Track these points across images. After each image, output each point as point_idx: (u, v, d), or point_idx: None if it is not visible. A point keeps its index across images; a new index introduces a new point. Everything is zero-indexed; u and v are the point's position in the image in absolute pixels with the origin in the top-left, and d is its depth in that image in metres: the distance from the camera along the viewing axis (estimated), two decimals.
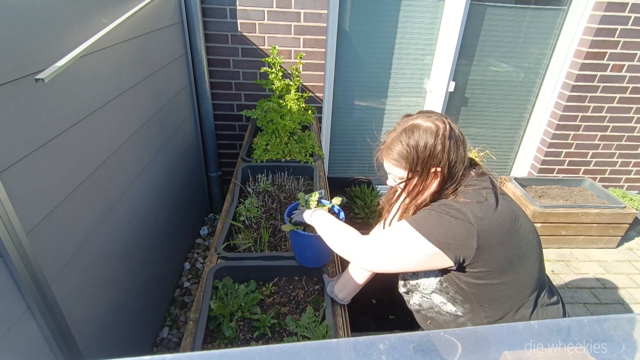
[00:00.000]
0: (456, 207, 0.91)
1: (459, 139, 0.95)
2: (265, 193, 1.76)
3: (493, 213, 0.90)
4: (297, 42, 2.54)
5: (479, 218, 0.88)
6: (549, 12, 2.76)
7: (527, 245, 0.95)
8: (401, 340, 0.52)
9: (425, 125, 0.94)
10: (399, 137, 0.96)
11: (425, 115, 0.97)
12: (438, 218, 0.91)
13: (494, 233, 0.89)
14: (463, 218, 0.89)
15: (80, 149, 1.24)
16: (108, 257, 1.44)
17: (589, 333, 0.53)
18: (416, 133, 0.93)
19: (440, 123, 0.94)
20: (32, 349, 1.03)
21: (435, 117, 0.95)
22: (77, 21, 1.23)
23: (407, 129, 0.95)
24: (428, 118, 0.95)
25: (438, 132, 0.92)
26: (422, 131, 0.93)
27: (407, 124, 0.97)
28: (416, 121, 0.96)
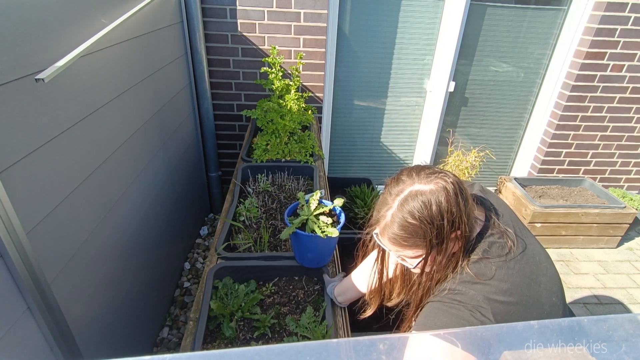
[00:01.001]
0: (462, 291, 0.78)
1: (465, 188, 0.81)
2: (265, 193, 1.76)
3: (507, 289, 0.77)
4: (297, 42, 2.54)
5: (491, 300, 0.77)
6: (549, 12, 2.76)
7: (550, 311, 0.82)
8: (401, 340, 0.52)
9: (428, 189, 0.78)
10: (400, 211, 0.79)
11: (419, 177, 0.80)
12: (450, 313, 0.77)
13: (510, 311, 0.77)
14: (475, 305, 0.77)
15: (80, 149, 1.24)
16: (108, 257, 1.44)
17: (589, 333, 0.53)
18: (421, 199, 0.77)
19: (441, 181, 0.78)
20: (32, 349, 1.03)
21: (434, 176, 0.80)
22: (77, 21, 1.23)
23: (408, 198, 0.78)
24: (427, 180, 0.79)
25: (448, 191, 0.77)
26: (429, 195, 0.77)
27: (403, 193, 0.79)
28: (414, 187, 0.79)
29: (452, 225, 0.78)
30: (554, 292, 0.84)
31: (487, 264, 0.80)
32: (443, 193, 0.76)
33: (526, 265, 0.81)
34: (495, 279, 0.78)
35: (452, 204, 0.76)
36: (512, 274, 0.79)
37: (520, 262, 0.81)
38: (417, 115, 3.12)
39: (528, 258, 0.83)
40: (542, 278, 0.82)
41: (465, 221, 0.79)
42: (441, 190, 0.77)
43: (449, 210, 0.76)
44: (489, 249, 0.81)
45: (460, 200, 0.78)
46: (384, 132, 3.18)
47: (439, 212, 0.76)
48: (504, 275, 0.78)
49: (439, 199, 0.76)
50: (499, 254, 0.81)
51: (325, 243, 1.20)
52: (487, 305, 0.76)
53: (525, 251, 0.83)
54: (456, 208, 0.77)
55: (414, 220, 0.77)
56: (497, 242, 0.82)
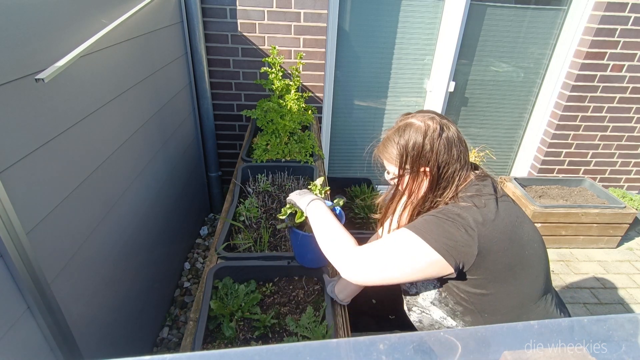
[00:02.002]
0: (456, 211, 0.89)
1: (452, 140, 0.93)
2: (265, 193, 1.76)
3: (494, 218, 0.88)
4: (297, 42, 2.54)
5: (479, 223, 0.86)
6: (549, 12, 2.76)
7: (531, 254, 0.92)
8: (401, 340, 0.52)
9: (417, 124, 0.95)
10: (393, 135, 0.98)
11: (421, 114, 0.97)
12: (437, 223, 0.88)
13: (494, 238, 0.87)
14: (463, 223, 0.87)
15: (80, 149, 1.24)
16: (108, 257, 1.44)
17: (589, 333, 0.53)
18: (407, 132, 0.95)
19: (430, 122, 0.94)
20: (32, 349, 1.03)
21: (429, 117, 0.95)
22: (77, 21, 1.23)
23: (401, 127, 0.97)
24: (422, 117, 0.96)
25: (427, 131, 0.92)
26: (413, 130, 0.94)
27: (402, 122, 0.98)
28: (410, 120, 0.97)
29: (421, 158, 0.93)
30: (536, 240, 0.94)
31: (479, 198, 0.92)
32: (423, 130, 0.93)
33: (512, 210, 0.93)
34: (485, 209, 0.89)
35: (426, 142, 0.92)
36: (500, 209, 0.90)
37: (508, 205, 0.93)
38: None
39: (515, 208, 0.95)
40: (526, 225, 0.94)
41: (434, 160, 0.92)
42: (423, 128, 0.93)
43: (421, 146, 0.92)
44: (482, 189, 0.94)
45: (436, 142, 0.92)
46: (384, 132, 3.17)
47: (413, 144, 0.93)
48: (493, 208, 0.90)
49: (417, 134, 0.93)
50: (491, 192, 0.93)
51: None
52: (474, 226, 0.86)
53: (513, 204, 0.96)
54: (429, 146, 0.92)
55: (396, 144, 0.96)
56: (489, 185, 0.96)
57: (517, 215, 0.93)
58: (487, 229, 0.86)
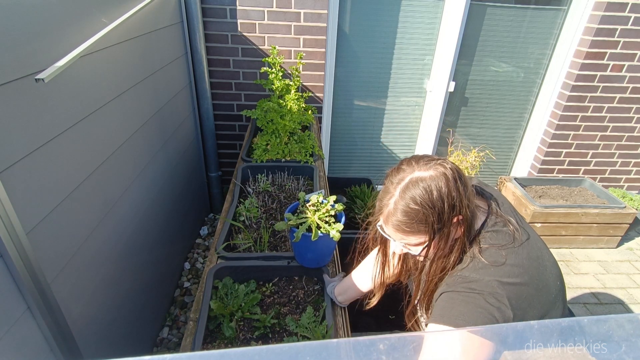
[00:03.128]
0: (476, 278, 0.79)
1: (463, 173, 0.83)
2: (265, 193, 1.76)
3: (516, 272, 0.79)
4: (297, 42, 2.54)
5: (503, 284, 0.78)
6: (549, 12, 2.76)
7: (557, 294, 0.85)
8: (401, 340, 0.52)
9: (428, 175, 0.80)
10: (402, 199, 0.81)
11: (419, 165, 0.83)
12: (466, 301, 0.78)
13: (523, 294, 0.79)
14: (490, 290, 0.78)
15: (80, 149, 1.24)
16: (108, 257, 1.44)
17: (589, 333, 0.53)
18: (422, 185, 0.79)
19: (440, 167, 0.80)
20: (32, 349, 1.03)
21: (434, 162, 0.82)
22: (77, 21, 1.23)
23: (408, 185, 0.80)
24: (426, 167, 0.81)
25: (447, 176, 0.79)
26: (429, 181, 0.79)
27: (404, 181, 0.81)
28: (414, 175, 0.81)
29: (453, 209, 0.79)
30: (558, 276, 0.87)
31: (497, 251, 0.82)
32: (442, 178, 0.79)
33: (532, 251, 0.84)
34: (507, 264, 0.80)
35: (451, 189, 0.79)
36: (521, 258, 0.81)
37: (527, 248, 0.84)
38: (417, 115, 3.12)
39: (532, 244, 0.85)
40: (547, 263, 0.85)
41: (465, 205, 0.81)
42: (440, 175, 0.79)
43: (449, 195, 0.78)
44: (496, 236, 0.84)
45: (460, 185, 0.80)
46: (384, 132, 3.18)
47: (440, 196, 0.78)
48: (514, 260, 0.80)
49: (438, 184, 0.78)
50: (506, 241, 0.83)
51: (326, 243, 1.20)
52: (501, 290, 0.77)
53: (529, 238, 0.86)
54: (456, 192, 0.79)
55: (416, 206, 0.79)
56: (502, 230, 0.85)
57: (538, 256, 0.84)
58: (513, 286, 0.78)
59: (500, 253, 0.81)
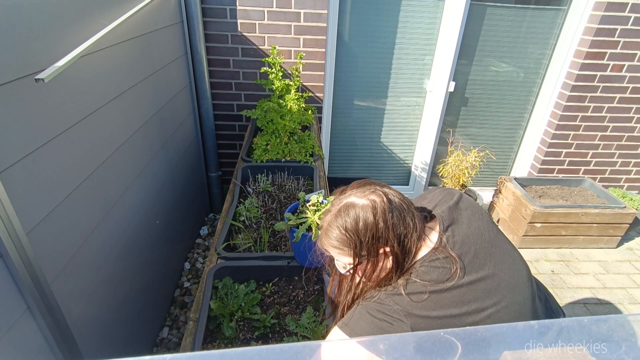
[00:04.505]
0: (388, 304, 0.80)
1: (402, 208, 0.82)
2: (265, 193, 1.76)
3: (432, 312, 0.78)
4: (297, 42, 2.54)
5: (412, 315, 0.78)
6: (549, 12, 2.76)
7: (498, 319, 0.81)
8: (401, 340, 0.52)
9: (360, 203, 0.81)
10: (335, 221, 0.83)
11: (357, 190, 0.85)
12: (370, 320, 0.80)
13: (434, 326, 0.78)
14: (396, 316, 0.78)
15: (80, 149, 1.24)
16: (108, 257, 1.44)
17: (589, 333, 0.53)
18: (352, 213, 0.81)
19: (375, 197, 0.81)
20: (32, 349, 1.03)
21: (370, 191, 0.83)
22: (77, 21, 1.23)
23: (342, 209, 0.83)
24: (362, 194, 0.83)
25: (375, 207, 0.80)
26: (359, 209, 0.80)
27: (341, 203, 0.84)
28: (349, 199, 0.83)
29: (378, 240, 0.80)
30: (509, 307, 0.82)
31: (421, 287, 0.80)
32: (371, 209, 0.80)
33: (469, 292, 0.79)
34: (426, 301, 0.78)
35: (379, 221, 0.79)
36: (446, 300, 0.78)
37: (461, 290, 0.79)
38: (417, 115, 3.12)
39: (477, 280, 0.81)
40: (495, 297, 0.80)
41: (393, 238, 0.80)
42: (370, 206, 0.80)
43: (374, 227, 0.79)
44: (430, 272, 0.81)
45: (390, 218, 0.80)
46: (384, 132, 3.18)
47: (365, 226, 0.79)
48: (436, 299, 0.78)
49: (366, 215, 0.79)
50: (437, 280, 0.80)
51: None
52: (407, 319, 0.77)
53: (473, 281, 0.81)
54: (383, 224, 0.79)
55: (344, 231, 0.81)
56: (441, 268, 0.81)
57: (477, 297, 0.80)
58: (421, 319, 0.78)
59: (425, 289, 0.79)
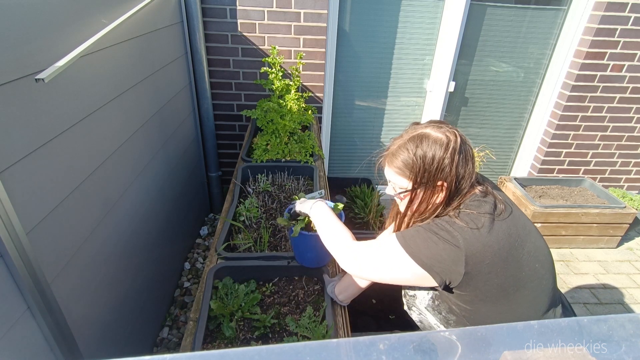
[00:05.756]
0: (447, 228, 0.86)
1: (469, 153, 0.89)
2: (265, 193, 1.76)
3: (487, 237, 0.84)
4: (297, 42, 2.54)
5: (469, 242, 0.84)
6: (549, 12, 2.76)
7: (530, 275, 0.88)
8: (401, 340, 0.52)
9: (435, 135, 0.88)
10: (405, 145, 0.90)
11: (436, 125, 0.91)
12: (426, 238, 0.87)
13: (486, 260, 0.84)
14: (452, 241, 0.84)
15: (80, 149, 1.24)
16: (108, 257, 1.44)
17: (589, 333, 0.53)
18: (425, 143, 0.88)
19: (451, 135, 0.88)
20: (32, 349, 1.03)
21: (447, 129, 0.90)
22: (77, 21, 1.23)
23: (416, 137, 0.90)
24: (439, 129, 0.90)
25: (449, 144, 0.86)
26: (432, 142, 0.87)
27: (416, 132, 0.91)
28: (426, 130, 0.90)
29: (441, 172, 0.87)
30: (539, 260, 0.90)
31: (477, 217, 0.87)
32: (445, 144, 0.87)
33: (513, 228, 0.88)
34: (479, 231, 0.85)
35: (446, 156, 0.86)
36: (497, 229, 0.86)
37: (508, 224, 0.88)
38: (417, 115, 3.12)
39: (517, 224, 0.90)
40: (529, 244, 0.89)
41: (453, 175, 0.88)
42: (444, 141, 0.87)
43: (441, 159, 0.87)
44: (479, 205, 0.90)
45: (456, 156, 0.87)
46: (384, 132, 3.18)
47: (433, 157, 0.87)
48: (487, 229, 0.85)
49: (436, 148, 0.87)
50: (489, 212, 0.88)
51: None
52: (464, 247, 0.83)
53: (514, 218, 0.90)
54: (449, 160, 0.86)
55: (412, 156, 0.89)
56: (490, 203, 0.91)
57: (519, 235, 0.88)
58: (476, 248, 0.83)
59: (480, 219, 0.86)
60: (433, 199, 0.92)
